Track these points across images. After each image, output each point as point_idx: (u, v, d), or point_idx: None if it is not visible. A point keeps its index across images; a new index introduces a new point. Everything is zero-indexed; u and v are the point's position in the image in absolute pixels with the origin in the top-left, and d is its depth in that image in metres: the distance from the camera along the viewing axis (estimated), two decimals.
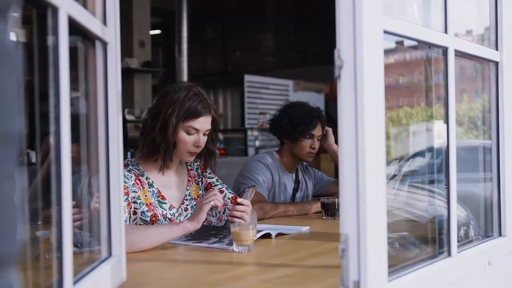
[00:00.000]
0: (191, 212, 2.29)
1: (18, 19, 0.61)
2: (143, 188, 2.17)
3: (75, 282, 1.07)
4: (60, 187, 0.99)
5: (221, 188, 2.38)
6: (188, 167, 2.39)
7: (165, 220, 2.19)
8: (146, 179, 2.20)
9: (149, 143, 2.18)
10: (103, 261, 1.31)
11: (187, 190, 2.33)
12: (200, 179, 2.39)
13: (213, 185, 2.39)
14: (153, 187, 2.21)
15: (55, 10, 0.98)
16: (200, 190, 2.37)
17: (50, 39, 1.00)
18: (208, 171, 2.43)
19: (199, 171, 2.40)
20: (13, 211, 0.55)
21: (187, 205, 2.31)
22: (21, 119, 0.56)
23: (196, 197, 2.35)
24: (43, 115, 1.01)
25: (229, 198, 2.34)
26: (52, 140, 1.00)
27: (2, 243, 0.54)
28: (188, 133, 2.18)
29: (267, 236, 2.09)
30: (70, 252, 1.01)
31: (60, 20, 0.99)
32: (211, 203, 1.98)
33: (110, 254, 1.35)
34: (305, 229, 2.33)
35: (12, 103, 0.53)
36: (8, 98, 0.53)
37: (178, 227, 1.96)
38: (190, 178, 2.36)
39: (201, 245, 1.93)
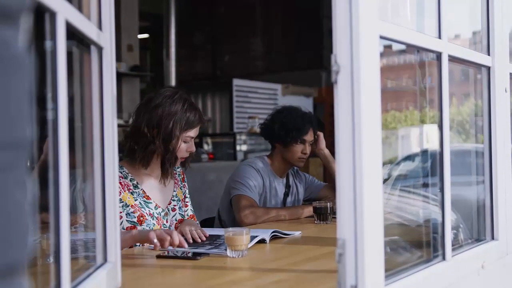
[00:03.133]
0: (179, 212, 2.39)
1: (29, 26, 0.61)
2: (125, 191, 2.22)
3: None
4: (58, 192, 0.98)
5: (187, 202, 2.49)
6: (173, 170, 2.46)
7: (152, 219, 2.25)
8: (131, 180, 2.26)
9: (149, 154, 2.24)
10: (98, 267, 1.31)
11: (174, 191, 2.41)
12: (183, 184, 2.49)
13: (186, 196, 2.49)
14: (138, 188, 2.27)
15: (53, 15, 0.98)
16: (182, 194, 2.46)
17: (47, 44, 1.00)
18: (184, 182, 2.52)
19: (180, 178, 2.49)
20: (24, 218, 0.55)
21: (174, 205, 2.39)
22: (31, 125, 0.56)
23: (181, 199, 2.44)
24: (38, 120, 1.01)
25: (188, 215, 2.43)
26: (49, 145, 0.99)
27: (15, 250, 0.54)
28: (185, 142, 2.28)
29: (261, 241, 2.09)
30: (68, 259, 1.00)
31: (58, 25, 0.98)
32: (155, 242, 1.92)
33: (105, 260, 1.34)
34: (297, 233, 2.34)
35: (23, 109, 0.53)
36: (19, 105, 0.52)
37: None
38: (176, 180, 2.45)
39: (198, 251, 1.92)
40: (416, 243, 1.72)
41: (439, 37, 1.51)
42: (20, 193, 0.54)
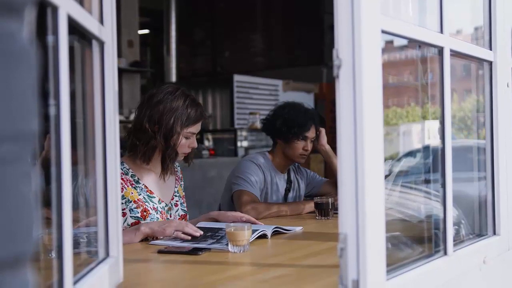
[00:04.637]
0: (181, 208, 2.41)
1: (33, 19, 0.61)
2: (128, 186, 2.23)
3: (74, 283, 1.06)
4: (60, 188, 0.98)
5: (184, 201, 2.49)
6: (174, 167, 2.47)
7: (156, 213, 2.26)
8: (132, 176, 2.27)
9: (150, 150, 2.25)
10: (101, 261, 1.31)
11: (175, 187, 2.43)
12: (181, 183, 2.51)
13: (183, 193, 2.51)
14: (140, 183, 2.28)
15: (55, 9, 0.97)
16: (183, 191, 2.49)
17: (49, 38, 0.99)
18: (182, 182, 2.54)
19: (181, 176, 2.51)
20: (29, 210, 0.55)
21: (176, 201, 2.41)
22: (37, 118, 0.56)
23: (181, 196, 2.45)
24: (40, 116, 1.00)
25: (179, 215, 2.42)
26: (51, 141, 0.99)
27: (20, 242, 0.54)
28: (187, 137, 2.28)
29: (262, 236, 2.09)
30: (70, 253, 1.00)
31: (59, 19, 0.98)
32: (174, 234, 2.04)
33: (107, 254, 1.35)
34: (299, 229, 2.34)
35: (28, 102, 0.53)
36: (25, 97, 0.52)
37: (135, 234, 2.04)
38: (177, 177, 2.47)
39: (200, 245, 1.92)
40: (417, 239, 1.72)
41: (441, 31, 1.51)
42: (25, 185, 0.54)
